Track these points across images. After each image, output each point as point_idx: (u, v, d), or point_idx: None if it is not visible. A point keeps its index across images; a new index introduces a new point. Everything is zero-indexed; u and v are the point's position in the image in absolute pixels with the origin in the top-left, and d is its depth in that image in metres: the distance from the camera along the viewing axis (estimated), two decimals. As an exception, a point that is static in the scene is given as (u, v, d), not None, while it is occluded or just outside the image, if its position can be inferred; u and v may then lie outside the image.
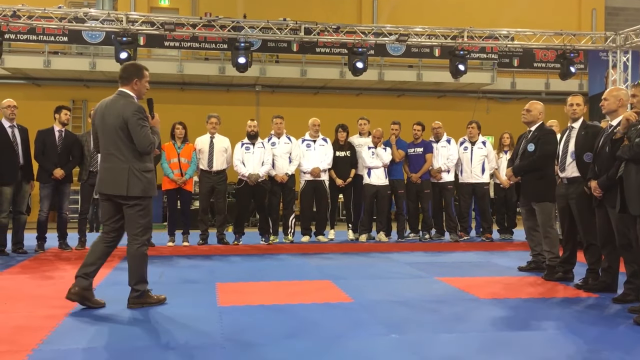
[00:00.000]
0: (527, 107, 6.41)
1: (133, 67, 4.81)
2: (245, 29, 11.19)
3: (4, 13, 10.22)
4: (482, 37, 11.94)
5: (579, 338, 3.94)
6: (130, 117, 4.52)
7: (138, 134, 4.53)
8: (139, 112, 4.56)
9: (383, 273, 6.48)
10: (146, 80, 4.76)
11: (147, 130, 4.57)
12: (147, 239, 4.74)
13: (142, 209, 4.62)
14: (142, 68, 4.78)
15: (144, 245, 4.69)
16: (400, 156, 9.37)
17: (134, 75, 4.70)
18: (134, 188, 4.55)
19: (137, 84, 4.69)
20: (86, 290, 4.60)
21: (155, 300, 4.80)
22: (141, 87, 4.73)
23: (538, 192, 6.15)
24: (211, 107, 11.37)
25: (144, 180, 4.59)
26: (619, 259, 5.27)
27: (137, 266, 4.67)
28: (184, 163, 8.62)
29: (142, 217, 4.64)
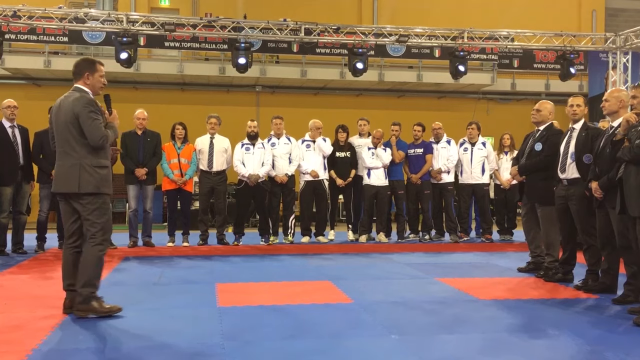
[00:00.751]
0: (537, 107, 6.37)
1: (84, 61, 4.62)
2: (246, 29, 11.20)
3: (5, 13, 10.23)
4: (482, 38, 11.94)
5: (579, 339, 3.94)
6: (81, 111, 4.34)
7: (89, 126, 4.32)
8: (89, 104, 4.37)
9: (383, 274, 6.48)
10: (100, 75, 4.55)
11: (98, 122, 4.36)
12: (104, 240, 4.45)
13: (96, 207, 4.37)
14: (95, 62, 4.59)
15: (99, 245, 4.39)
16: (401, 157, 9.38)
17: (84, 69, 4.52)
18: (86, 184, 4.32)
19: (89, 78, 4.50)
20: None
21: (104, 309, 4.38)
22: (94, 82, 4.52)
23: (543, 194, 6.09)
24: (211, 108, 11.36)
25: (96, 177, 4.36)
26: (619, 260, 5.27)
27: (87, 266, 4.36)
28: (184, 163, 8.62)
29: (98, 216, 4.38)
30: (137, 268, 6.81)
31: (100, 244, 4.40)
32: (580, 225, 5.63)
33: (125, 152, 8.39)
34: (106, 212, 4.45)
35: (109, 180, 4.49)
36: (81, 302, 4.34)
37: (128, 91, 14.52)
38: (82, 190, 4.32)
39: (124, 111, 10.56)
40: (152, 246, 8.46)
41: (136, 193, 8.44)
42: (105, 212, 4.44)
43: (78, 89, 4.49)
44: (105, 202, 4.45)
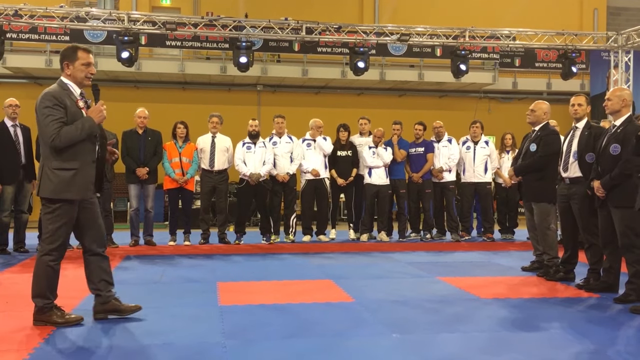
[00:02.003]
0: (532, 107, 6.38)
1: (65, 50, 4.17)
2: (247, 28, 11.19)
3: (6, 12, 10.23)
4: (483, 37, 11.92)
5: (581, 338, 3.94)
6: (38, 107, 3.97)
7: (40, 124, 3.96)
8: (45, 99, 3.95)
9: (384, 273, 6.48)
10: (82, 63, 4.08)
11: (51, 119, 3.91)
12: (52, 250, 4.02)
13: (50, 211, 4.00)
14: (77, 49, 4.14)
15: (47, 255, 4.02)
16: (402, 156, 9.38)
17: (63, 58, 4.10)
18: (44, 188, 3.99)
19: (68, 67, 4.08)
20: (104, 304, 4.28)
21: (60, 320, 4.09)
22: (75, 72, 4.08)
23: (536, 192, 6.15)
24: (212, 107, 11.36)
25: (54, 180, 3.96)
26: (621, 259, 5.27)
27: (37, 276, 4.06)
28: (186, 162, 8.63)
29: (50, 222, 4.01)
30: (138, 267, 6.82)
31: (47, 254, 4.03)
32: (582, 224, 5.63)
33: (126, 151, 8.39)
34: (59, 220, 4.01)
35: (73, 185, 4.00)
36: (36, 312, 4.11)
37: (129, 90, 14.52)
38: (40, 194, 4.03)
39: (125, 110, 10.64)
40: (154, 245, 8.47)
41: (137, 192, 8.44)
42: (57, 219, 4.01)
43: (58, 82, 4.11)
44: (60, 209, 4.01)
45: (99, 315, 4.25)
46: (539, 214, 6.17)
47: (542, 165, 6.06)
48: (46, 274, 4.04)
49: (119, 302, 4.33)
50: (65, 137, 3.94)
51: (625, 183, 4.95)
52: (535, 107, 6.36)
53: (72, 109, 4.03)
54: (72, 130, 3.95)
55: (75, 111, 4.05)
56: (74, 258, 7.32)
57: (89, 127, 4.01)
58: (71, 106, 4.03)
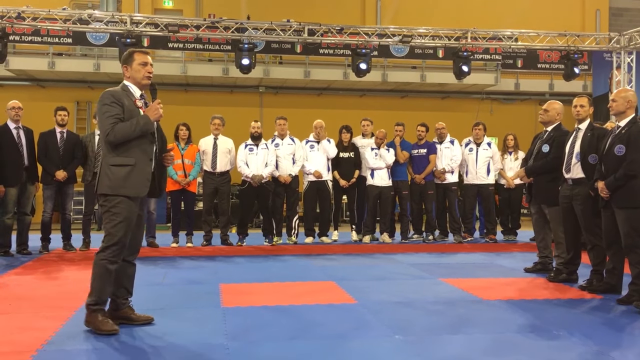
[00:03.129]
0: (545, 107, 6.35)
1: (124, 55, 4.27)
2: (249, 30, 11.20)
3: (9, 14, 10.25)
4: (485, 38, 11.92)
5: (584, 339, 3.93)
6: (97, 107, 4.08)
7: (99, 120, 4.06)
8: (103, 98, 4.05)
9: (387, 274, 6.47)
10: (139, 63, 4.15)
11: (107, 116, 3.99)
12: (106, 247, 3.98)
13: (106, 210, 4.00)
14: (132, 52, 4.22)
15: (101, 252, 3.98)
16: (405, 157, 9.37)
17: (122, 63, 4.23)
18: (101, 185, 4.02)
19: (127, 70, 4.18)
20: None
21: (105, 328, 3.95)
22: (134, 74, 4.16)
23: (549, 195, 6.08)
24: (215, 109, 11.37)
25: (111, 176, 3.98)
26: (624, 260, 5.26)
27: (92, 274, 4.01)
28: (188, 164, 8.64)
29: (107, 220, 4.00)
30: (141, 269, 6.74)
31: (102, 251, 3.98)
32: (585, 225, 5.61)
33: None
34: (116, 218, 3.97)
35: (131, 181, 4.01)
36: (87, 311, 4.05)
37: (132, 92, 14.52)
38: (98, 190, 4.04)
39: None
40: (156, 247, 8.47)
41: (140, 194, 8.43)
42: (115, 217, 3.98)
43: (121, 85, 4.21)
44: (118, 206, 3.98)
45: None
46: (554, 218, 6.13)
47: (555, 167, 5.99)
48: (99, 272, 3.98)
49: (132, 310, 4.27)
50: (120, 132, 3.97)
51: (630, 184, 4.94)
52: (548, 107, 6.33)
53: (130, 107, 4.08)
54: (127, 126, 3.99)
55: (133, 109, 4.09)
56: (77, 260, 7.35)
57: (144, 124, 4.03)
58: (129, 105, 4.08)
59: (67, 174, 7.90)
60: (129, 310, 4.26)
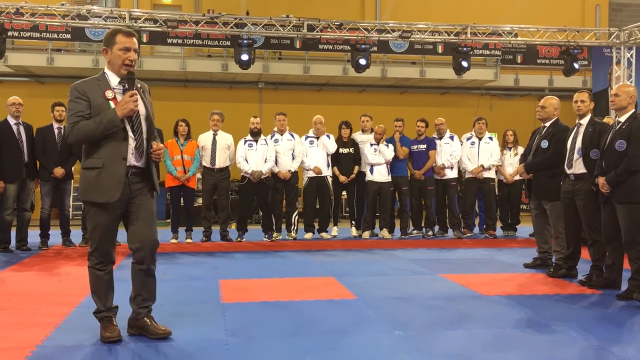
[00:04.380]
0: (542, 104, 6.32)
1: (106, 34, 3.76)
2: (248, 25, 11.18)
3: (7, 10, 10.24)
4: (485, 34, 11.91)
5: (584, 334, 3.93)
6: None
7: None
8: (70, 92, 3.60)
9: (386, 270, 6.47)
10: (119, 48, 3.62)
11: (70, 114, 3.57)
12: (90, 253, 3.71)
13: (85, 213, 3.86)
14: (116, 33, 3.67)
15: (89, 260, 3.73)
16: (404, 153, 9.37)
17: (104, 44, 3.70)
18: (79, 189, 3.72)
19: (107, 54, 3.67)
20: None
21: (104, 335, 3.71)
22: (114, 58, 3.63)
23: (550, 191, 6.07)
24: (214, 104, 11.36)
25: (83, 180, 3.65)
26: (623, 256, 5.26)
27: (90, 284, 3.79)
28: (187, 160, 8.63)
29: (87, 224, 3.78)
30: (140, 265, 6.81)
31: (88, 258, 3.74)
32: (586, 221, 5.61)
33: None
34: (92, 222, 3.67)
35: (98, 185, 3.56)
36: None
37: (131, 88, 14.50)
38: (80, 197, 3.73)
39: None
40: (156, 243, 8.45)
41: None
42: (91, 221, 3.68)
43: (100, 74, 3.76)
44: (91, 211, 3.66)
45: (130, 331, 3.85)
46: (554, 213, 6.12)
47: (555, 163, 5.98)
48: (92, 279, 3.76)
49: (150, 321, 3.82)
50: (82, 132, 3.52)
51: (631, 179, 4.94)
52: (545, 103, 6.31)
53: (97, 102, 3.58)
54: (90, 124, 3.51)
55: (101, 104, 3.59)
56: (76, 256, 7.35)
57: (108, 120, 3.51)
58: (96, 99, 3.59)
59: (65, 170, 7.89)
60: (147, 320, 3.82)
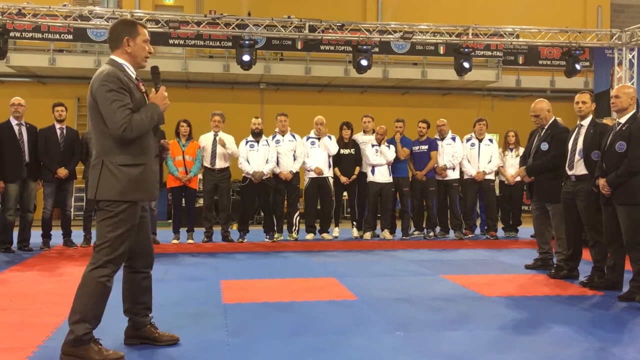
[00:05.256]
0: (534, 113, 6.27)
1: (122, 23, 3.47)
2: (250, 26, 11.19)
3: (10, 11, 10.25)
4: (487, 35, 11.91)
5: (586, 336, 3.93)
6: (98, 90, 3.26)
7: (106, 110, 3.24)
8: (107, 81, 3.26)
9: (387, 271, 6.47)
10: (143, 40, 3.44)
11: (118, 104, 3.24)
12: (108, 261, 3.29)
13: (111, 216, 3.29)
14: (136, 24, 3.46)
15: (101, 269, 3.28)
16: (405, 154, 9.37)
17: (122, 33, 3.39)
18: (107, 189, 3.29)
19: (129, 45, 3.39)
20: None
21: (97, 358, 3.26)
22: (137, 50, 3.41)
23: (552, 193, 6.06)
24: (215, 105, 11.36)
25: (121, 178, 3.29)
26: (625, 257, 5.26)
27: (82, 295, 3.29)
28: (189, 161, 8.64)
29: (111, 229, 3.29)
30: (142, 265, 6.82)
31: (102, 267, 3.29)
32: (587, 222, 5.60)
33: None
34: (122, 226, 3.30)
35: (143, 183, 3.37)
36: (70, 343, 3.26)
37: (132, 89, 14.52)
38: (101, 196, 3.30)
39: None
40: (157, 243, 8.47)
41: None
42: (122, 224, 3.30)
43: (111, 62, 3.41)
44: (124, 213, 3.31)
45: (131, 341, 3.65)
46: (556, 214, 6.10)
47: (556, 165, 5.97)
48: (96, 292, 3.29)
49: (154, 329, 3.67)
50: (137, 126, 3.28)
51: (631, 180, 4.94)
52: (536, 111, 6.25)
53: (137, 94, 3.40)
54: (144, 118, 3.32)
55: (140, 97, 3.43)
56: (78, 257, 7.36)
57: (158, 116, 3.44)
58: (135, 90, 3.40)
59: (68, 170, 7.91)
60: (152, 328, 3.66)
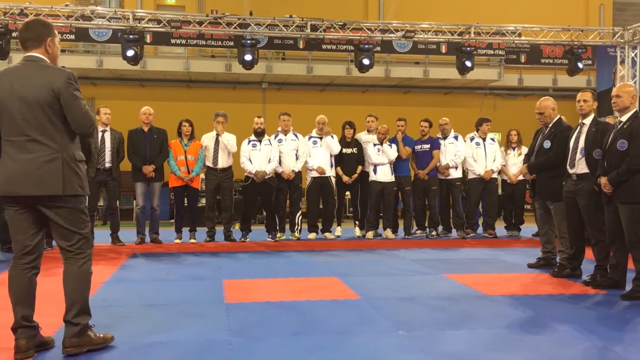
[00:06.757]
0: (539, 110, 6.24)
1: (41, 24, 3.52)
2: (252, 26, 11.19)
3: (12, 11, 10.27)
4: (489, 33, 11.89)
5: (589, 335, 3.92)
6: (64, 88, 3.34)
7: (77, 109, 3.36)
8: (73, 81, 3.39)
9: (390, 270, 6.47)
10: (59, 41, 3.56)
11: (83, 104, 3.42)
12: (90, 254, 3.55)
13: (82, 212, 3.49)
14: (52, 25, 3.58)
15: (89, 262, 3.51)
16: (407, 153, 9.36)
17: (45, 34, 3.45)
18: (71, 184, 3.37)
19: (50, 45, 3.46)
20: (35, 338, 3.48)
21: (99, 340, 3.56)
22: (55, 50, 3.50)
23: (554, 191, 6.04)
24: (218, 105, 11.39)
25: (80, 174, 3.44)
26: (627, 256, 5.25)
27: (80, 290, 3.48)
28: (191, 160, 8.64)
29: (82, 224, 3.48)
30: (144, 265, 6.84)
31: (89, 260, 3.53)
32: (589, 221, 5.60)
33: (132, 149, 8.44)
34: (86, 218, 3.54)
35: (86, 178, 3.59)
36: (77, 335, 3.46)
37: (134, 88, 14.55)
38: (68, 192, 3.36)
39: (130, 108, 10.65)
40: (160, 243, 8.49)
41: (143, 190, 8.47)
42: (87, 218, 3.55)
43: (37, 59, 3.42)
44: (86, 207, 3.58)
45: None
46: (559, 213, 6.09)
47: (557, 163, 5.95)
48: (89, 284, 3.55)
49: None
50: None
51: (633, 179, 4.93)
52: (541, 108, 6.23)
53: None
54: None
55: None
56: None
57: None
58: None
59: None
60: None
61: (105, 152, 8.14)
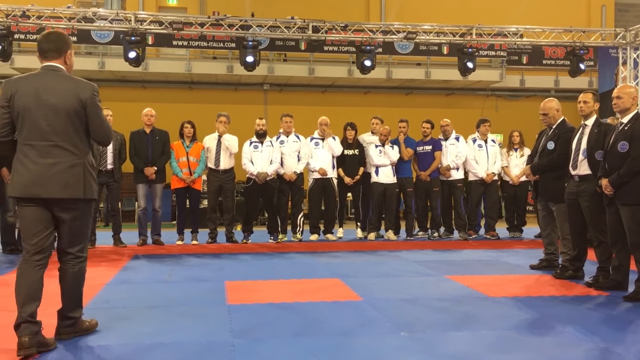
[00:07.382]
0: (543, 111, 6.24)
1: (61, 36, 3.74)
2: (253, 27, 11.20)
3: (14, 13, 10.29)
4: (490, 35, 11.89)
5: (591, 336, 3.91)
6: (90, 100, 3.59)
7: (100, 120, 3.65)
8: (97, 93, 3.67)
9: (392, 271, 6.46)
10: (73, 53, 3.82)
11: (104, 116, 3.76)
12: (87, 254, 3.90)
13: (91, 217, 3.87)
14: (70, 39, 3.84)
15: (85, 261, 3.84)
16: (409, 154, 9.36)
17: (65, 46, 3.68)
18: (90, 189, 3.64)
19: (69, 57, 3.70)
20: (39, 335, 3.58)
21: (87, 326, 3.93)
22: (72, 61, 3.74)
23: (556, 192, 6.03)
24: (219, 106, 11.38)
25: (96, 180, 3.76)
26: (630, 257, 5.24)
27: (77, 287, 3.84)
28: (193, 162, 8.65)
29: (89, 228, 3.86)
30: (146, 266, 6.84)
31: (86, 260, 3.85)
32: (591, 222, 5.59)
33: (134, 150, 8.45)
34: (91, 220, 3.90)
35: None
36: (70, 326, 3.82)
37: (136, 90, 14.56)
38: (87, 195, 3.62)
39: (132, 110, 10.67)
40: (162, 244, 8.49)
41: (145, 192, 8.47)
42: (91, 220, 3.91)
43: (58, 69, 3.63)
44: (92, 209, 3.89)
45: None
46: (561, 214, 6.08)
47: (561, 164, 5.94)
48: (84, 281, 3.87)
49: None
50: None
51: (634, 180, 4.92)
52: (545, 109, 6.24)
53: None
54: None
55: None
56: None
57: None
58: None
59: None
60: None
61: (107, 154, 8.15)
